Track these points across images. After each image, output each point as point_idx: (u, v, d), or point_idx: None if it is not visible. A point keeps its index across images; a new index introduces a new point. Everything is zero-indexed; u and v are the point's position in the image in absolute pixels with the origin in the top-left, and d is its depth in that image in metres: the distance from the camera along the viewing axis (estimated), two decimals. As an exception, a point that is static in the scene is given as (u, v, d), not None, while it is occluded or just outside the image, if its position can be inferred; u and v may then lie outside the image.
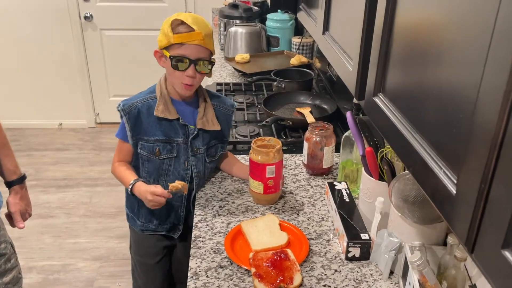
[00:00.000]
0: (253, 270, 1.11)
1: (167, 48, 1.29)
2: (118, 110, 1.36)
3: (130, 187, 1.35)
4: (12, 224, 1.46)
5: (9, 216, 1.46)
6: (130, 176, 1.38)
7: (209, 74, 1.44)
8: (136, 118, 1.35)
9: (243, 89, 2.30)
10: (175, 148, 1.39)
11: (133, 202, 1.49)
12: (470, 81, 0.53)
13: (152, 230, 1.51)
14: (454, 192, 0.56)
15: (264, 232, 1.25)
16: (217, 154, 1.49)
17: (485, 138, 0.49)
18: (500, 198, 0.47)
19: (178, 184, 1.29)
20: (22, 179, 1.48)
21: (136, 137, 1.37)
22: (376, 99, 0.87)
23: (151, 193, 1.29)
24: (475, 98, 0.52)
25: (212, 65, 1.34)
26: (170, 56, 1.28)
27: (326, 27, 1.39)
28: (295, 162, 1.66)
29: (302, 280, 1.11)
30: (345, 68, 1.08)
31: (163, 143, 1.38)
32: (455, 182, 0.56)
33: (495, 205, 0.48)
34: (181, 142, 1.39)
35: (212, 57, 1.35)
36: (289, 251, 1.17)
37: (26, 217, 1.50)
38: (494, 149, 0.47)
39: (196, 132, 1.39)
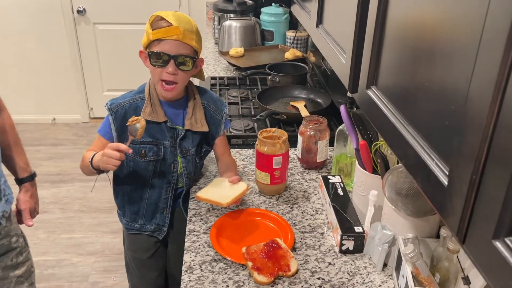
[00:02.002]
0: (250, 264, 1.11)
1: (148, 46, 1.26)
2: (106, 109, 1.33)
3: (91, 160, 1.28)
4: (21, 221, 1.46)
5: (18, 213, 1.45)
6: (91, 154, 1.31)
7: (201, 76, 1.42)
8: (122, 119, 1.31)
9: (238, 83, 2.29)
10: (162, 150, 1.35)
11: (120, 199, 1.47)
12: (462, 73, 0.53)
13: (137, 229, 1.48)
14: (446, 183, 0.56)
15: (222, 189, 1.29)
16: (203, 152, 1.45)
17: (476, 129, 0.49)
18: (491, 189, 0.47)
19: (133, 119, 1.22)
20: (32, 176, 1.48)
21: (121, 137, 1.32)
22: (369, 92, 0.87)
23: (105, 151, 1.21)
24: (466, 90, 0.52)
25: (194, 62, 1.27)
26: (148, 52, 1.24)
27: (319, 20, 1.38)
28: (290, 156, 1.66)
29: (298, 266, 1.13)
30: (339, 61, 1.08)
31: (150, 145, 1.34)
32: (447, 173, 0.56)
33: (486, 196, 0.48)
34: (168, 145, 1.35)
35: (198, 55, 1.30)
36: (279, 240, 1.18)
37: (34, 215, 1.50)
38: (485, 140, 0.48)
39: (183, 133, 1.35)
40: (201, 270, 1.13)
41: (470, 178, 0.50)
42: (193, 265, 1.15)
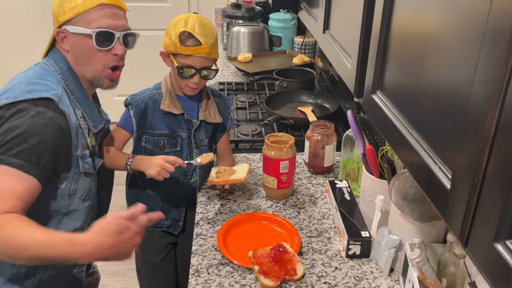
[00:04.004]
0: (256, 267, 1.12)
1: (174, 54, 1.34)
2: (126, 104, 1.42)
3: (131, 160, 1.34)
4: None
5: None
6: (124, 154, 1.38)
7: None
8: (143, 112, 1.40)
9: (246, 89, 2.31)
10: (179, 142, 1.43)
11: (135, 197, 1.50)
12: (464, 78, 0.54)
13: (153, 226, 1.51)
14: (449, 187, 0.56)
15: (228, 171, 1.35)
16: (213, 148, 1.53)
17: (478, 133, 0.50)
18: (492, 192, 0.47)
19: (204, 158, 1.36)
20: None
21: (141, 131, 1.42)
22: (374, 97, 0.87)
23: (162, 158, 1.29)
24: (468, 94, 0.52)
25: (216, 72, 1.40)
26: (177, 66, 1.34)
27: (326, 26, 1.39)
28: (297, 161, 1.66)
29: (305, 270, 1.13)
30: (345, 66, 1.08)
31: (168, 137, 1.42)
32: (450, 177, 0.57)
33: (487, 199, 0.48)
34: (185, 137, 1.43)
35: (216, 64, 1.41)
36: (285, 244, 1.18)
37: None
38: (487, 144, 0.48)
39: (198, 123, 1.43)
40: (208, 273, 1.14)
41: (472, 181, 0.50)
42: (200, 268, 1.16)
